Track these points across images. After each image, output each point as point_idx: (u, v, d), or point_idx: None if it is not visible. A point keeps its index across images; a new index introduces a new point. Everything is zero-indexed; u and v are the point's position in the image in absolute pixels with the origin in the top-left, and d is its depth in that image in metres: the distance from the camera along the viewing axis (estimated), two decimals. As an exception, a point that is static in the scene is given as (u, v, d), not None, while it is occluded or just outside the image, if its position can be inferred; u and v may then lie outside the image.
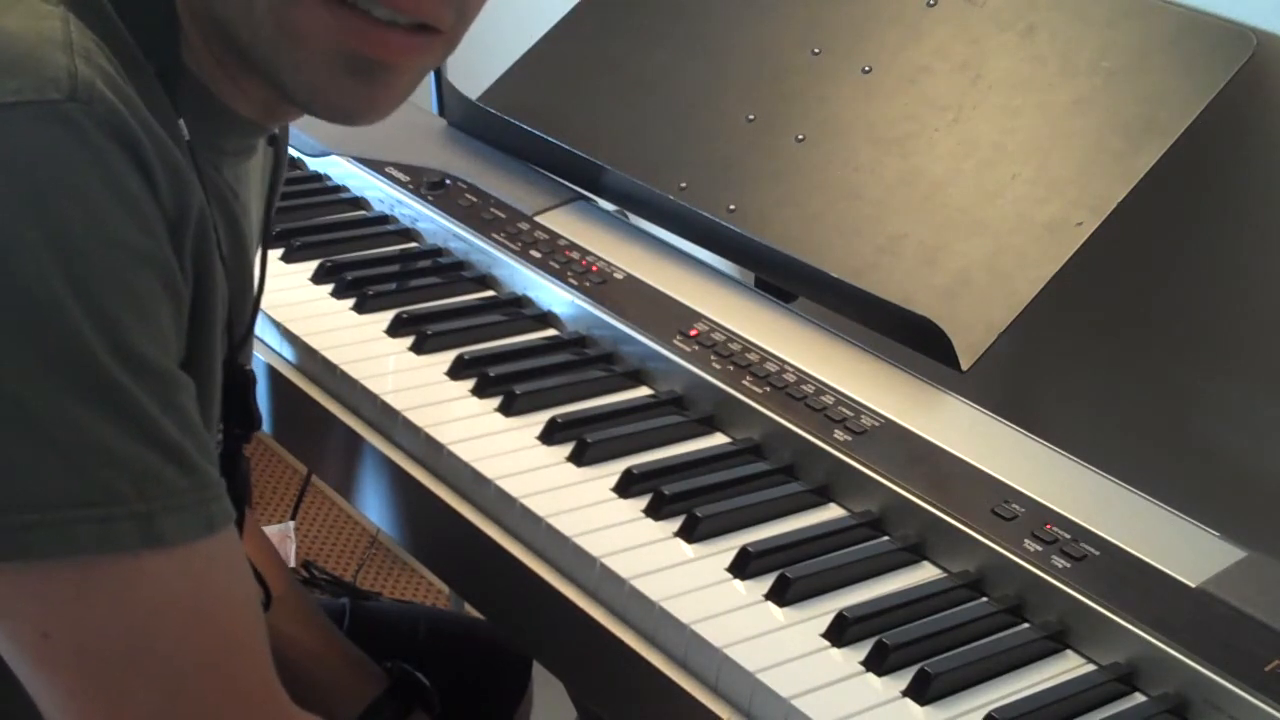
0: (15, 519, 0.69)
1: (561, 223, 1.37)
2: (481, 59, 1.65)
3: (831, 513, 1.09)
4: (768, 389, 1.15)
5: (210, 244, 0.79)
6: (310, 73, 0.79)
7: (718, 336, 1.21)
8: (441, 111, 1.61)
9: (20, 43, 0.70)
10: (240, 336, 0.93)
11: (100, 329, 0.69)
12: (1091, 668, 0.96)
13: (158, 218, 0.73)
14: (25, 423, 0.68)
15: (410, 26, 0.80)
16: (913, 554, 1.04)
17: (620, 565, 0.99)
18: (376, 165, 1.47)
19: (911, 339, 1.20)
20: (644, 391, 1.21)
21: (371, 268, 1.34)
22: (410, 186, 1.42)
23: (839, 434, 1.10)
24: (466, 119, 1.52)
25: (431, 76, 1.69)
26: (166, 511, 0.72)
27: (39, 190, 0.68)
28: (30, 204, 0.68)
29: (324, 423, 1.19)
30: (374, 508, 1.19)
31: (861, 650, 0.94)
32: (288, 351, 1.23)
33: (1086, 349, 1.46)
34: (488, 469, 1.07)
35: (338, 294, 1.30)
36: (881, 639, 0.94)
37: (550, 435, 1.12)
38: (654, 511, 1.05)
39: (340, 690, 1.18)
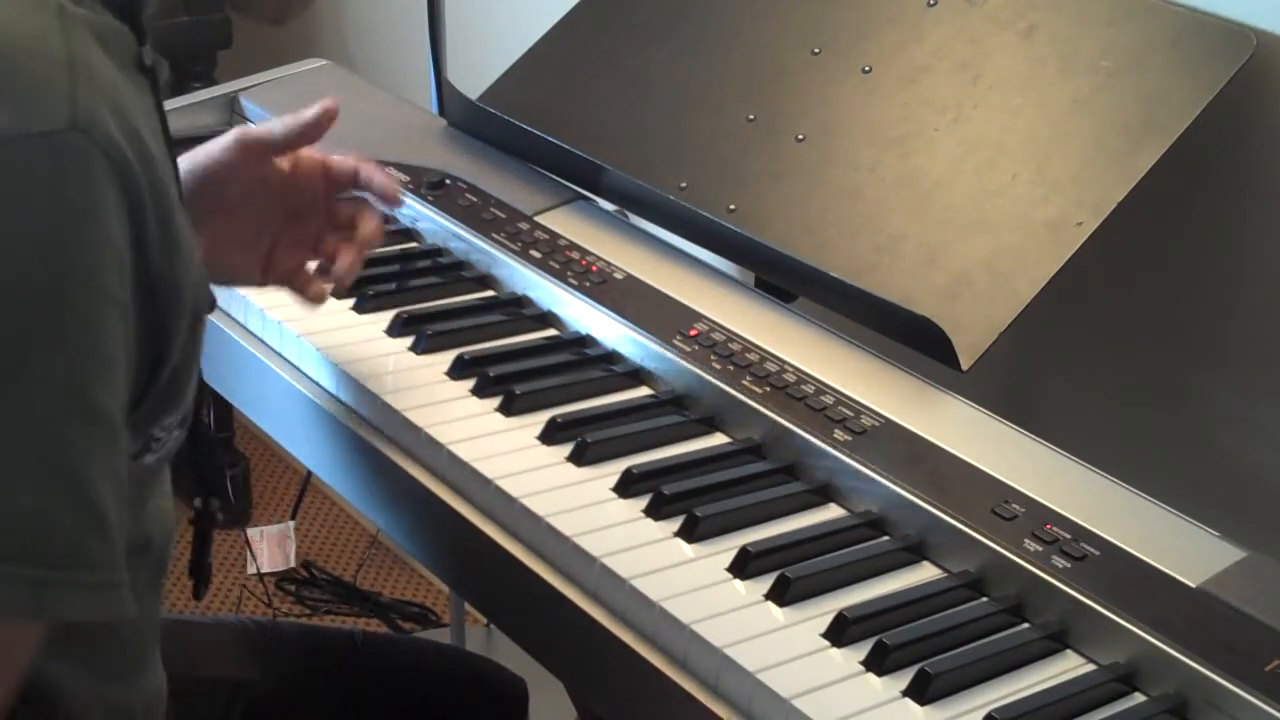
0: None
1: (561, 223, 1.37)
2: (481, 59, 1.65)
3: (831, 513, 1.09)
4: (768, 389, 1.15)
5: (184, 237, 0.79)
6: None
7: (718, 336, 1.21)
8: (441, 111, 1.61)
9: (23, 64, 0.69)
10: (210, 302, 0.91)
11: (69, 374, 0.70)
12: (1091, 668, 0.96)
13: (128, 253, 0.73)
14: None
15: None
16: (913, 554, 1.04)
17: (620, 565, 0.99)
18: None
19: (911, 339, 1.20)
20: (644, 391, 1.21)
21: (371, 267, 1.33)
22: (410, 186, 1.42)
23: (839, 434, 1.10)
24: (466, 119, 1.52)
25: (431, 76, 1.69)
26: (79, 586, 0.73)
27: (40, 223, 0.68)
28: (29, 237, 0.68)
29: (323, 423, 1.19)
30: (374, 508, 1.19)
31: (861, 650, 0.94)
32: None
33: (1087, 349, 1.46)
34: (488, 469, 1.07)
35: (337, 294, 1.30)
36: (881, 639, 0.94)
37: (550, 435, 1.12)
38: (654, 511, 1.05)
39: None
